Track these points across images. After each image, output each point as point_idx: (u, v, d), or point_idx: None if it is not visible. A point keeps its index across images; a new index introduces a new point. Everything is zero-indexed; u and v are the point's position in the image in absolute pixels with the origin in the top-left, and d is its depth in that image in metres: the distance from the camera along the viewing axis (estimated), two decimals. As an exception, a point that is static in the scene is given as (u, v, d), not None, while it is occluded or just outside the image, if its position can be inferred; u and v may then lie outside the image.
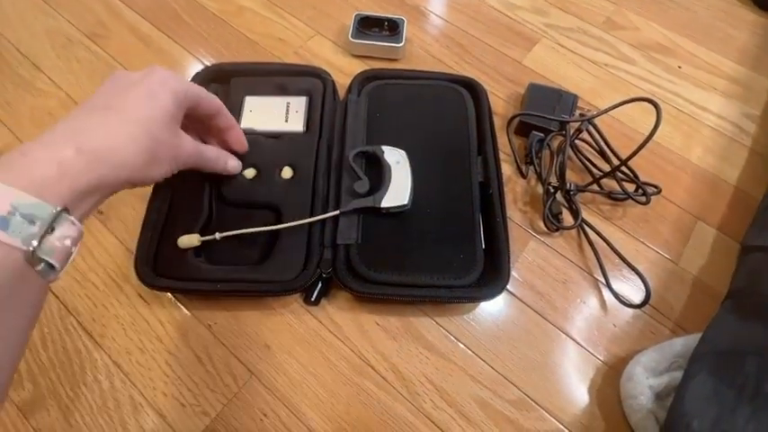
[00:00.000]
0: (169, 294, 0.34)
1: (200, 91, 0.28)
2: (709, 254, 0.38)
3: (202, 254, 0.33)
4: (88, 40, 0.47)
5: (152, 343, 0.32)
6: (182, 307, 0.34)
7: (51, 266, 0.18)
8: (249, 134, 0.35)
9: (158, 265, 0.32)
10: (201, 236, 0.32)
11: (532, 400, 0.32)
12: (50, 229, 0.17)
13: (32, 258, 0.17)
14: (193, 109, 0.27)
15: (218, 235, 0.31)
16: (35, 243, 0.17)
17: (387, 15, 0.47)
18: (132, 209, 0.37)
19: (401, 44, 0.46)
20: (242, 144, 0.34)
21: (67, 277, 0.34)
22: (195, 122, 0.30)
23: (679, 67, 0.50)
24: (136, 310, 0.33)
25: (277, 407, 0.31)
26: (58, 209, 0.18)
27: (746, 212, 0.39)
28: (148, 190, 0.38)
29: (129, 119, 0.23)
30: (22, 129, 0.40)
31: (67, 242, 0.18)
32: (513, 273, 0.36)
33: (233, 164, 0.33)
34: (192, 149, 0.28)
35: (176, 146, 0.26)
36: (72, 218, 0.19)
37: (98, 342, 0.32)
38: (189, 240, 0.32)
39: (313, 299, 0.33)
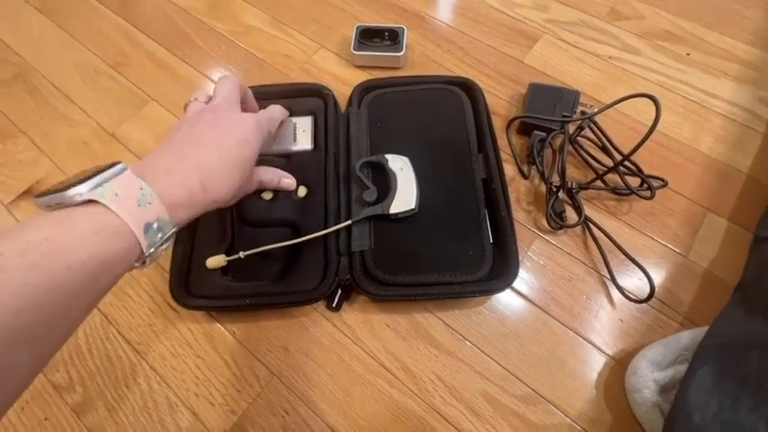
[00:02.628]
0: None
1: (276, 119, 0.34)
2: (720, 246, 0.38)
3: (229, 272, 0.36)
4: (112, 69, 0.50)
5: (183, 349, 0.35)
6: (207, 315, 0.37)
7: (145, 262, 0.22)
8: (262, 156, 0.38)
9: (191, 286, 0.35)
10: (227, 256, 0.35)
11: (539, 394, 0.33)
12: (166, 240, 0.22)
13: (143, 258, 0.21)
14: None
15: (242, 254, 0.34)
16: (153, 249, 0.21)
17: (387, 25, 0.48)
18: (159, 226, 0.41)
19: (401, 53, 0.47)
20: None
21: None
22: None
23: (688, 55, 0.49)
24: (167, 319, 0.37)
25: (297, 404, 0.33)
26: (175, 230, 0.23)
27: (759, 201, 0.39)
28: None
29: (230, 161, 0.27)
30: (61, 158, 0.44)
31: (164, 248, 0.23)
32: (519, 271, 0.37)
33: (287, 182, 0.36)
34: (256, 182, 0.33)
35: (250, 181, 0.31)
36: (175, 230, 0.23)
37: (136, 349, 0.36)
38: (216, 261, 0.35)
39: (335, 305, 0.35)
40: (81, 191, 0.20)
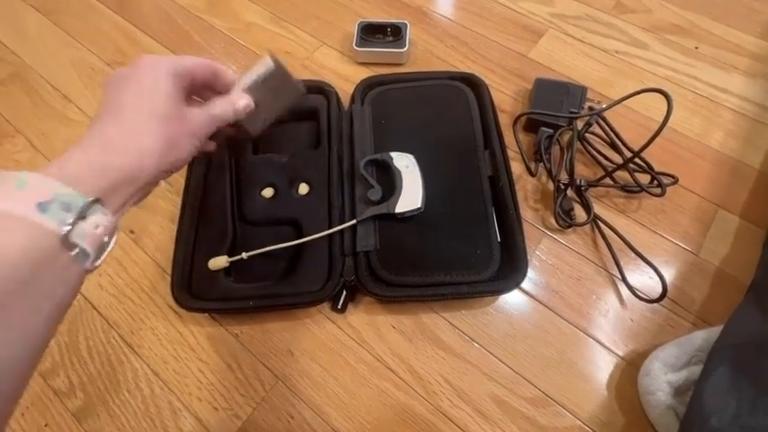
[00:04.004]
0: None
1: (189, 60, 0.27)
2: (732, 243, 0.37)
3: (232, 273, 0.35)
4: (109, 67, 0.49)
5: (185, 352, 0.35)
6: (210, 318, 0.36)
7: (86, 253, 0.20)
8: (263, 155, 0.37)
9: (193, 288, 0.34)
10: (229, 256, 0.34)
11: (549, 397, 0.32)
12: (82, 216, 0.19)
13: (67, 242, 0.19)
14: (191, 80, 0.27)
15: (244, 255, 0.33)
16: (68, 228, 0.19)
17: (389, 21, 0.47)
18: (160, 227, 0.40)
19: (404, 49, 0.46)
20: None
21: (107, 294, 0.37)
22: (199, 93, 0.30)
23: (696, 48, 0.48)
24: (169, 322, 0.36)
25: (302, 409, 0.33)
26: (90, 199, 0.20)
27: (772, 198, 0.38)
28: (174, 210, 0.40)
29: (137, 112, 0.24)
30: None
31: (99, 230, 0.20)
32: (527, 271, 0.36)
33: (242, 102, 0.29)
34: (204, 117, 0.27)
35: (188, 121, 0.26)
36: (104, 209, 0.21)
37: (138, 353, 0.35)
38: (218, 262, 0.34)
39: (340, 306, 0.35)
40: None
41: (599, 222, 0.37)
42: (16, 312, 0.17)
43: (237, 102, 0.29)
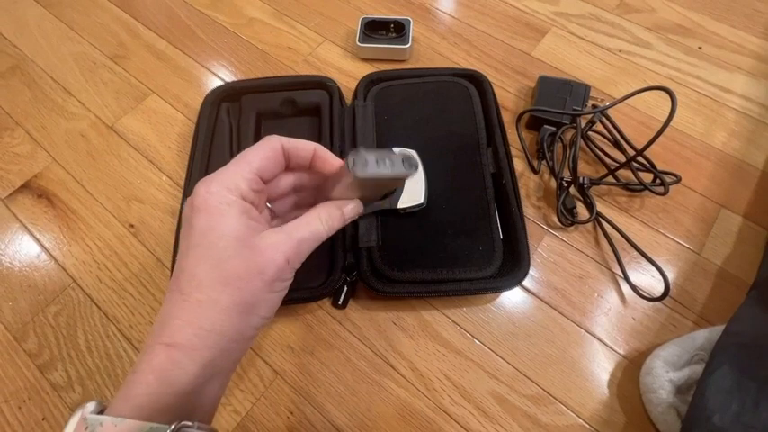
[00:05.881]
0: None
1: (256, 156, 0.22)
2: (735, 243, 0.37)
3: None
4: (111, 61, 0.49)
5: (185, 347, 0.35)
6: (210, 312, 0.36)
7: None
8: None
9: None
10: None
11: (550, 395, 0.32)
12: None
13: None
14: (262, 186, 0.22)
15: None
16: None
17: (392, 17, 0.47)
18: (160, 221, 0.40)
19: (408, 45, 0.46)
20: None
21: (106, 288, 0.37)
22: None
23: (699, 48, 0.48)
24: (168, 317, 0.36)
25: (302, 404, 0.32)
26: (173, 426, 0.17)
27: (774, 198, 0.38)
28: (174, 204, 0.40)
29: (205, 288, 0.19)
30: (58, 151, 0.43)
31: None
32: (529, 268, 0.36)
33: (350, 208, 0.25)
34: (289, 246, 0.21)
35: (261, 266, 0.20)
36: (199, 423, 0.17)
37: (137, 347, 0.35)
38: None
39: (340, 302, 0.35)
40: None
41: (601, 220, 0.37)
42: None
43: (345, 208, 0.24)
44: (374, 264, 0.34)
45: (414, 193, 0.35)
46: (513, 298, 0.36)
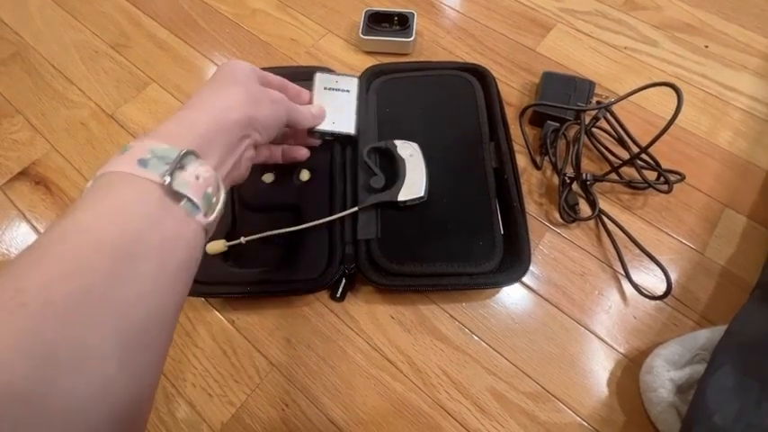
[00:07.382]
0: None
1: (261, 71, 0.31)
2: (738, 243, 0.37)
3: (230, 258, 0.34)
4: (112, 50, 0.49)
5: (180, 338, 0.34)
6: (207, 303, 0.35)
7: (194, 204, 0.20)
8: None
9: None
10: (228, 241, 0.33)
11: (549, 392, 0.32)
12: (180, 167, 0.20)
13: (171, 192, 0.20)
14: (267, 82, 0.30)
15: (243, 239, 0.33)
16: (168, 177, 0.20)
17: (396, 10, 0.47)
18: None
19: (411, 38, 0.45)
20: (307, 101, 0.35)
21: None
22: None
23: (706, 47, 0.47)
24: (165, 306, 0.35)
25: (297, 397, 0.32)
26: (184, 150, 0.21)
27: (780, 198, 0.37)
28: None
29: (222, 83, 0.27)
30: (57, 138, 0.43)
31: (200, 180, 0.21)
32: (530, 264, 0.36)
33: (315, 111, 0.33)
34: (281, 96, 0.30)
35: (269, 92, 0.29)
36: (200, 160, 0.22)
37: (132, 336, 0.34)
38: (216, 246, 0.33)
39: (338, 295, 0.34)
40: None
41: (604, 218, 0.37)
42: (143, 263, 0.18)
43: (312, 110, 0.33)
44: (373, 256, 0.33)
45: (414, 186, 0.34)
46: (512, 294, 0.35)
